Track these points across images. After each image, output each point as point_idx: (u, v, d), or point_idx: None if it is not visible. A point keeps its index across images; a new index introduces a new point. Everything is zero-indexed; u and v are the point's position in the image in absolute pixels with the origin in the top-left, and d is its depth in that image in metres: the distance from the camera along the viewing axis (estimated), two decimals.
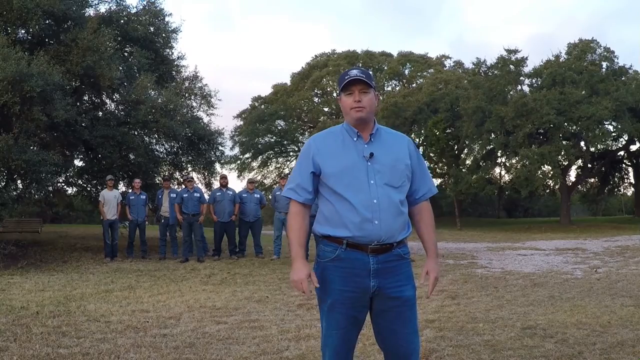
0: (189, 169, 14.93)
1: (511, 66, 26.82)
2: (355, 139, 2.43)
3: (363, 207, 2.33)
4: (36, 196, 11.11)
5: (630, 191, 36.04)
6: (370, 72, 2.65)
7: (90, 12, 13.33)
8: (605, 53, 26.43)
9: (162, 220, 11.79)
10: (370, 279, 2.35)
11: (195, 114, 14.47)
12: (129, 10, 14.07)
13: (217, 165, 15.43)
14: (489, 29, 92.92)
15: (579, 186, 31.74)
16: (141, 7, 14.50)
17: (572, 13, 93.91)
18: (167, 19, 14.41)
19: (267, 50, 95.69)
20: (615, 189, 34.70)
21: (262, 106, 41.57)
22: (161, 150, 14.73)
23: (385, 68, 40.16)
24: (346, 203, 2.35)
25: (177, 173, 14.85)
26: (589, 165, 28.95)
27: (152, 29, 14.13)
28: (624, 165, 32.58)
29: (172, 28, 14.50)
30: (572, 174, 30.03)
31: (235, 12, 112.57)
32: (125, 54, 14.10)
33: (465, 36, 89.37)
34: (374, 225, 2.32)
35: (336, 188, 2.37)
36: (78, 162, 14.56)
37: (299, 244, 2.45)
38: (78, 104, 12.83)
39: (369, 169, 2.37)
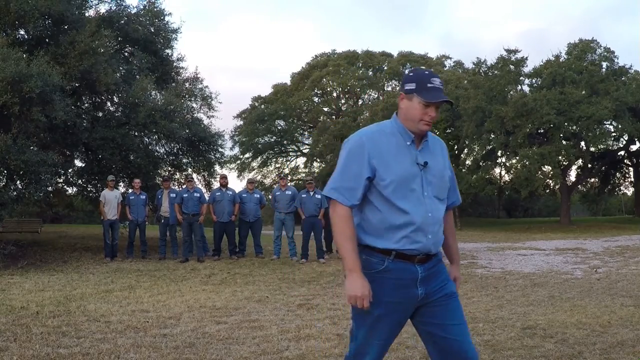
0: (189, 170, 14.93)
1: (511, 66, 26.81)
2: (408, 143, 2.27)
3: (420, 221, 2.22)
4: (35, 196, 11.09)
5: (630, 191, 36.04)
6: None
7: (90, 12, 13.35)
8: (605, 53, 26.42)
9: (162, 220, 11.79)
10: (417, 287, 2.27)
11: (195, 115, 14.47)
12: (129, 10, 14.07)
13: (217, 166, 15.44)
14: (479, 25, 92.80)
15: (579, 186, 31.73)
16: (141, 7, 14.51)
17: (566, 9, 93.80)
18: (167, 18, 14.42)
19: (250, 49, 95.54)
20: (616, 189, 34.69)
21: (262, 106, 41.58)
22: (161, 151, 14.73)
23: (385, 68, 40.16)
24: (401, 215, 2.21)
25: (178, 174, 14.85)
26: (589, 165, 28.94)
27: (152, 29, 14.12)
28: (624, 165, 32.58)
29: (172, 28, 14.50)
30: (572, 174, 30.04)
31: (217, 10, 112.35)
32: (126, 54, 14.10)
33: (454, 32, 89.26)
34: (427, 239, 2.25)
35: (392, 197, 2.21)
36: (78, 163, 14.59)
37: (356, 253, 2.22)
38: (78, 104, 12.83)
39: (423, 179, 2.25)
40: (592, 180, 33.06)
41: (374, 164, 2.22)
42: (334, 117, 41.36)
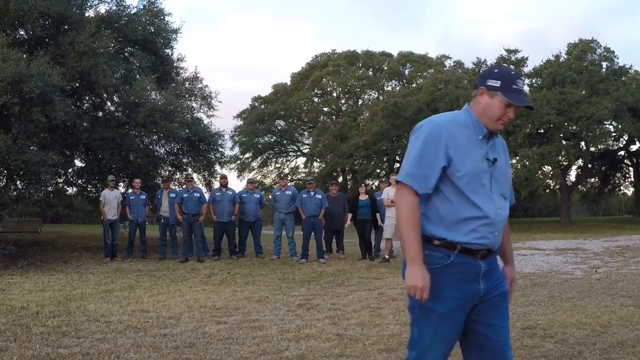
0: (189, 170, 14.93)
1: (511, 66, 26.81)
2: (480, 137, 2.24)
3: (491, 216, 2.19)
4: (35, 196, 11.09)
5: (630, 191, 36.05)
6: None
7: (90, 12, 13.35)
8: (605, 53, 26.43)
9: (162, 220, 11.79)
10: (480, 282, 2.22)
11: (195, 115, 14.47)
12: (129, 10, 14.06)
13: (217, 166, 15.45)
14: (478, 25, 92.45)
15: (579, 186, 31.74)
16: (141, 7, 14.51)
17: (566, 9, 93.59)
18: (167, 18, 14.41)
19: (250, 49, 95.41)
20: (616, 189, 34.69)
21: (262, 106, 41.59)
22: (161, 151, 14.73)
23: (385, 68, 40.17)
24: (474, 208, 2.17)
25: (178, 174, 14.85)
26: (589, 165, 28.94)
27: (152, 29, 14.11)
28: (624, 165, 32.58)
29: (172, 28, 14.50)
30: (572, 174, 30.04)
31: (216, 10, 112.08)
32: (126, 54, 14.09)
33: (453, 32, 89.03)
34: (494, 235, 2.22)
35: (465, 190, 2.17)
36: (78, 163, 14.59)
37: (420, 243, 2.16)
38: (78, 104, 12.83)
39: (491, 176, 2.22)
40: (592, 180, 33.06)
41: (451, 153, 2.17)
42: (334, 117, 41.36)
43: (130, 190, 12.78)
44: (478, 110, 2.26)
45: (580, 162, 28.59)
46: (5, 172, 10.30)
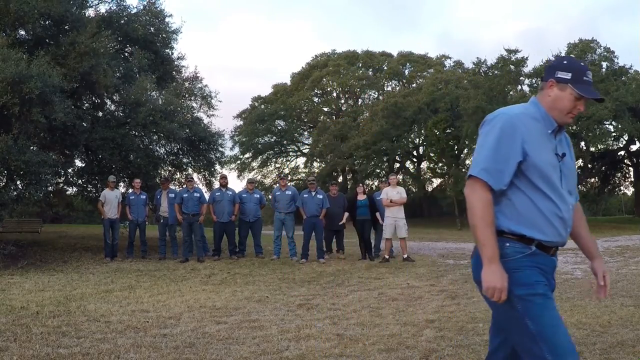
0: (190, 169, 14.94)
1: (511, 66, 26.83)
2: (549, 131, 2.17)
3: (565, 213, 2.14)
4: (35, 197, 11.10)
5: (630, 191, 36.06)
6: None
7: (90, 12, 13.35)
8: (605, 53, 26.46)
9: (161, 220, 11.79)
10: (553, 278, 2.22)
11: (195, 114, 14.48)
12: (129, 10, 14.08)
13: (218, 166, 15.45)
14: (477, 24, 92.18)
15: (579, 186, 31.74)
16: (141, 7, 14.51)
17: (565, 8, 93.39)
18: (167, 19, 14.43)
19: (250, 49, 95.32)
20: (616, 189, 34.71)
21: (262, 106, 41.61)
22: (161, 151, 14.74)
23: (385, 68, 40.19)
24: (551, 204, 2.12)
25: (178, 174, 14.85)
26: (589, 165, 28.95)
27: (152, 29, 14.12)
28: (624, 165, 32.59)
29: (173, 29, 14.51)
30: None
31: (216, 10, 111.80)
32: (126, 54, 14.10)
33: (452, 31, 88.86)
34: (566, 232, 2.19)
35: (541, 185, 2.11)
36: (78, 163, 14.59)
37: (496, 241, 2.06)
38: (78, 104, 12.83)
39: (561, 171, 2.17)
40: (592, 180, 33.09)
41: (526, 148, 2.09)
42: (334, 117, 41.38)
43: (130, 190, 12.78)
44: (547, 103, 2.19)
45: (580, 162, 28.61)
46: (5, 172, 10.30)
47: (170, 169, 14.86)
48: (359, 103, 42.01)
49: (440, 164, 35.32)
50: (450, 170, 31.47)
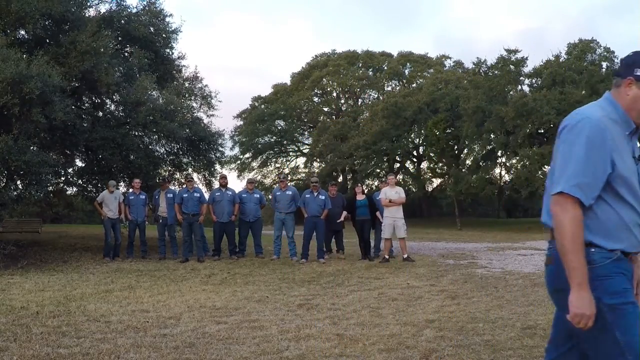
0: (190, 169, 14.94)
1: (511, 66, 26.85)
2: (627, 133, 2.03)
3: None
4: (36, 197, 11.10)
5: None
6: None
7: (91, 12, 13.35)
8: (605, 53, 26.47)
9: (160, 221, 11.79)
10: (633, 285, 2.09)
11: (195, 114, 14.48)
12: (129, 10, 14.07)
13: (218, 165, 15.45)
14: (476, 24, 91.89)
15: None
16: (141, 7, 14.51)
17: (563, 7, 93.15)
18: (167, 19, 14.42)
19: (249, 48, 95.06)
20: None
21: (262, 106, 41.62)
22: (161, 151, 14.74)
23: (385, 68, 40.20)
24: (633, 214, 2.01)
25: (178, 174, 14.85)
26: None
27: (152, 29, 14.12)
28: None
29: (173, 29, 14.50)
30: None
31: (216, 10, 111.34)
32: (126, 54, 14.10)
33: (450, 31, 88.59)
34: None
35: (625, 195, 1.98)
36: (78, 163, 14.59)
37: (586, 266, 1.93)
38: (78, 104, 12.83)
39: (639, 175, 2.04)
40: None
41: (614, 157, 1.95)
42: (334, 117, 41.39)
43: (130, 190, 12.78)
44: (626, 102, 2.03)
45: None
46: (5, 172, 10.30)
47: (170, 168, 14.85)
48: (359, 103, 42.03)
49: (440, 164, 35.34)
50: (450, 170, 31.47)
